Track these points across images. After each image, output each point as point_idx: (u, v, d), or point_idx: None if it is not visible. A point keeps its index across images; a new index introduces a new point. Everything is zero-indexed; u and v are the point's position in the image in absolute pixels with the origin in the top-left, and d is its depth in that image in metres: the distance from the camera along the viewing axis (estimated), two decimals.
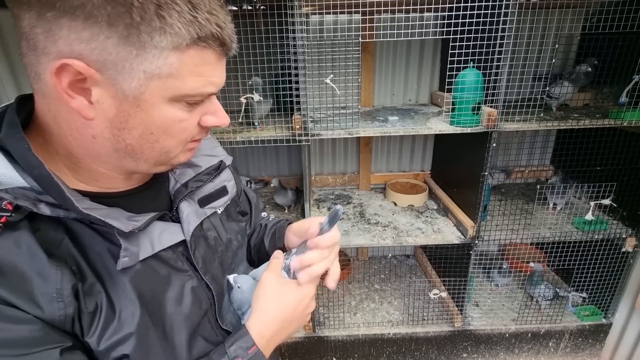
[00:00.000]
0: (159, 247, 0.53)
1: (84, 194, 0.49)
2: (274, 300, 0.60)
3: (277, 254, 0.68)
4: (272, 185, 2.00)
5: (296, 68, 1.39)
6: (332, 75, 1.50)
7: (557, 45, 1.93)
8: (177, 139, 0.50)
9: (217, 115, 0.53)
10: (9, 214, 0.41)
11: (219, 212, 0.68)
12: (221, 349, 0.56)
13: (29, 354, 0.40)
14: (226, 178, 0.70)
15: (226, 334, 0.63)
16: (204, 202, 0.64)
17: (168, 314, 0.53)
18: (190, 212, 0.60)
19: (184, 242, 0.57)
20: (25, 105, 0.49)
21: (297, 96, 1.44)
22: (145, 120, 0.46)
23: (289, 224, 0.82)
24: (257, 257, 0.86)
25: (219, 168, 0.67)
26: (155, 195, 0.59)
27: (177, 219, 0.59)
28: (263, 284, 0.62)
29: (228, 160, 0.71)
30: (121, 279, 0.49)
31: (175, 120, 0.48)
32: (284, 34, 1.36)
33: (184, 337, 0.55)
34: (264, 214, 0.94)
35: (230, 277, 0.65)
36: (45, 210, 0.44)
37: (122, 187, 0.54)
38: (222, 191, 0.68)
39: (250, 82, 1.50)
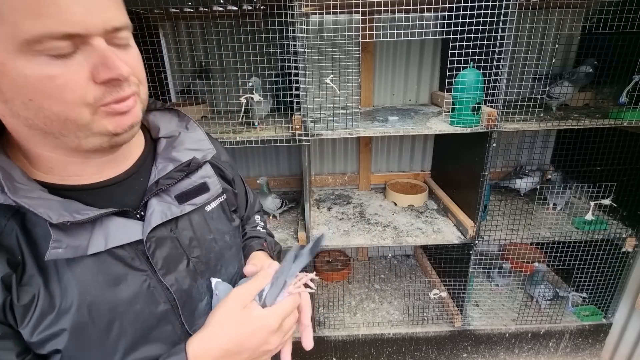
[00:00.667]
0: (113, 243, 0.51)
1: (48, 185, 0.48)
2: (226, 325, 0.53)
3: (268, 272, 0.59)
4: (258, 182, 1.89)
5: (296, 68, 1.39)
6: (332, 75, 1.50)
7: (557, 45, 1.93)
8: (62, 101, 0.42)
9: (106, 65, 0.43)
10: None
11: (208, 209, 0.65)
12: None
13: None
14: (205, 174, 0.65)
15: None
16: (182, 198, 0.60)
17: (118, 312, 0.51)
18: (156, 211, 0.56)
19: (142, 241, 0.55)
20: None
21: (297, 96, 1.44)
22: (12, 85, 0.40)
23: (260, 249, 0.78)
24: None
25: (189, 165, 0.62)
26: (126, 190, 0.56)
27: (143, 217, 0.56)
28: (225, 301, 0.55)
29: (208, 155, 0.66)
30: (66, 273, 0.48)
31: (41, 78, 0.40)
32: (284, 34, 1.35)
33: (129, 338, 0.53)
34: (257, 217, 0.89)
35: (213, 281, 0.62)
36: None
37: (89, 177, 0.52)
38: (202, 188, 0.64)
39: (250, 83, 1.50)
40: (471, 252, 1.71)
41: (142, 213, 0.56)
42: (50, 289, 0.47)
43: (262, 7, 1.69)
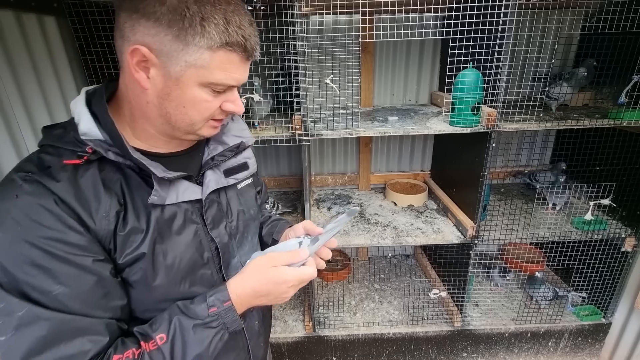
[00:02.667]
0: (181, 198, 0.68)
1: (138, 150, 0.66)
2: (259, 274, 0.70)
3: (302, 254, 0.74)
4: None
5: (296, 68, 1.39)
6: (332, 76, 1.50)
7: (556, 46, 1.94)
8: (201, 115, 0.65)
9: (234, 104, 0.69)
10: (88, 155, 0.60)
11: (239, 187, 0.83)
12: (203, 296, 0.68)
13: (73, 254, 0.56)
14: (248, 156, 0.86)
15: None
16: (228, 173, 0.79)
17: (178, 251, 0.68)
18: (212, 179, 0.75)
19: (200, 200, 0.72)
20: (112, 85, 0.68)
21: (297, 96, 1.44)
22: (180, 96, 0.62)
23: (290, 226, 0.95)
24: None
25: (239, 147, 0.82)
26: (188, 161, 0.75)
27: (201, 183, 0.74)
28: (262, 258, 0.72)
29: (250, 141, 0.86)
30: (152, 214, 0.65)
31: (202, 100, 0.63)
32: (284, 34, 1.36)
33: (182, 274, 0.69)
34: (267, 206, 1.04)
35: (253, 255, 0.76)
36: (111, 156, 0.62)
37: (165, 149, 0.71)
38: (244, 166, 0.84)
39: (256, 83, 1.50)
40: (471, 251, 1.71)
41: (200, 180, 0.74)
42: (140, 223, 0.64)
43: (262, 7, 1.69)
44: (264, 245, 0.96)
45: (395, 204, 2.10)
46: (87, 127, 0.62)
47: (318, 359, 2.00)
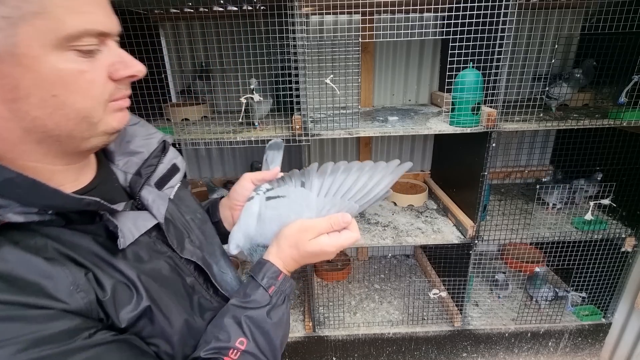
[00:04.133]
0: (137, 233, 0.54)
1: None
2: (299, 251, 0.64)
3: (337, 220, 0.66)
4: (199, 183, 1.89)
5: (296, 68, 1.39)
6: (332, 76, 1.50)
7: (556, 46, 1.94)
8: (89, 96, 0.44)
9: (126, 64, 0.47)
10: None
11: (172, 196, 0.67)
12: (253, 284, 0.62)
13: (69, 344, 0.41)
14: (173, 156, 0.69)
15: (222, 299, 0.66)
16: (160, 184, 0.65)
17: (163, 293, 0.55)
18: (155, 198, 0.60)
19: (156, 226, 0.59)
20: None
21: (297, 96, 1.44)
22: (37, 80, 0.40)
23: (221, 199, 0.84)
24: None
25: (164, 148, 0.66)
26: (108, 191, 0.57)
27: (142, 208, 0.59)
28: (300, 228, 0.64)
29: (167, 138, 0.69)
30: (120, 263, 0.50)
31: (74, 72, 0.42)
32: (284, 34, 1.36)
33: (183, 303, 0.58)
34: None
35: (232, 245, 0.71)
36: (16, 218, 0.41)
37: (70, 186, 0.51)
38: (174, 169, 0.68)
39: (252, 85, 1.51)
40: (471, 251, 1.71)
41: (139, 205, 0.60)
42: (113, 277, 0.49)
43: (262, 8, 1.69)
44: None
45: (395, 204, 2.10)
46: None
47: (318, 359, 2.00)
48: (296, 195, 0.70)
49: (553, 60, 1.95)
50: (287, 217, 0.67)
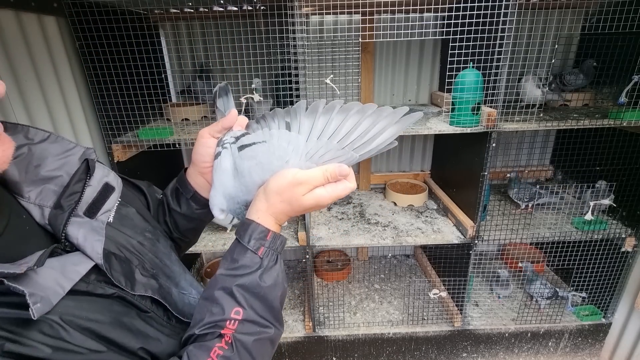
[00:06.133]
0: (69, 284, 0.44)
1: None
2: (291, 206, 0.57)
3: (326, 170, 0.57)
4: None
5: (296, 68, 1.39)
6: (332, 76, 1.50)
7: (556, 46, 1.94)
8: None
9: None
10: None
11: (110, 219, 0.57)
12: (239, 247, 0.55)
13: None
14: (103, 173, 0.57)
15: (186, 325, 0.57)
16: (92, 211, 0.53)
17: (120, 342, 0.48)
18: (86, 232, 0.50)
19: (94, 268, 0.49)
20: None
21: (297, 96, 1.44)
22: None
23: (185, 170, 0.75)
24: (179, 232, 0.76)
25: (89, 169, 0.54)
26: (19, 237, 0.47)
27: (72, 248, 0.50)
28: (293, 181, 0.56)
29: (90, 152, 0.56)
30: (37, 337, 0.40)
31: None
32: (284, 34, 1.36)
33: (150, 348, 0.52)
34: (160, 196, 0.81)
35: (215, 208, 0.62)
36: None
37: None
38: (107, 189, 0.57)
39: (253, 85, 1.51)
40: (471, 252, 1.71)
41: (68, 244, 0.50)
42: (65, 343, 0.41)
43: (262, 8, 1.69)
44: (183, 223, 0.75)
45: (395, 204, 2.10)
46: None
47: (318, 359, 1.99)
48: (279, 138, 0.59)
49: (553, 60, 1.95)
50: (270, 163, 0.58)
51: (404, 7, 1.64)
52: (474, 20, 1.34)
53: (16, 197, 0.50)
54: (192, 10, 1.81)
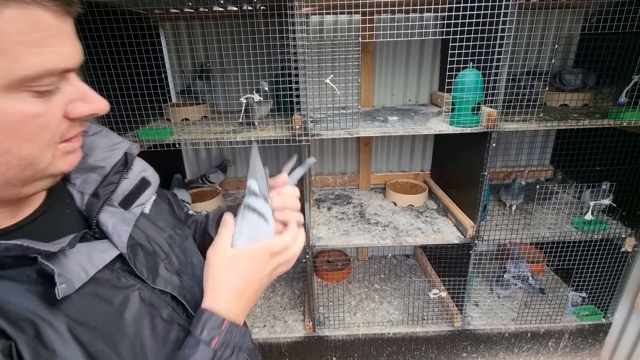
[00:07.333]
0: (93, 270, 0.46)
1: None
2: (222, 274, 0.55)
3: (227, 219, 0.60)
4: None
5: (296, 68, 1.39)
6: (332, 76, 1.50)
7: (556, 46, 1.94)
8: (39, 142, 0.38)
9: (87, 100, 0.41)
10: None
11: (147, 211, 0.60)
12: (191, 340, 0.51)
13: None
14: (142, 168, 0.60)
15: None
16: (127, 203, 0.55)
17: (132, 333, 0.48)
18: (116, 222, 0.52)
19: (119, 257, 0.51)
20: None
21: (297, 96, 1.44)
22: None
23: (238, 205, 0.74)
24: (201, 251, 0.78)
25: (126, 162, 0.57)
26: (58, 219, 0.49)
27: (101, 235, 0.51)
28: (207, 261, 0.56)
29: (134, 148, 0.60)
30: (60, 317, 0.41)
31: (26, 117, 0.36)
32: (284, 34, 1.36)
33: (154, 349, 0.50)
34: (192, 212, 0.84)
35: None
36: None
37: (8, 222, 0.44)
38: (143, 183, 0.59)
39: (265, 87, 1.50)
40: (471, 251, 1.71)
41: (98, 231, 0.52)
42: (50, 346, 0.40)
43: (262, 7, 1.69)
44: None
45: (395, 204, 2.10)
46: None
47: (318, 359, 2.00)
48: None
49: (553, 60, 1.95)
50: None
51: (404, 7, 1.64)
52: (474, 20, 1.34)
53: (65, 182, 0.53)
54: (192, 10, 1.81)
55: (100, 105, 0.43)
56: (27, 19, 0.33)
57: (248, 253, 0.56)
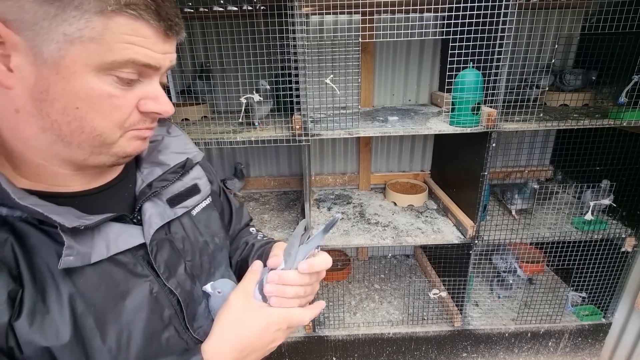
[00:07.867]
0: (115, 249, 0.50)
1: (34, 193, 0.46)
2: (235, 326, 0.55)
3: (256, 266, 0.63)
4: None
5: (296, 68, 1.39)
6: (332, 76, 1.50)
7: (556, 46, 1.94)
8: (109, 119, 0.46)
9: (157, 101, 0.49)
10: None
11: (194, 212, 0.65)
12: None
13: None
14: (197, 176, 0.66)
15: (198, 341, 0.59)
16: (173, 201, 0.60)
17: (124, 322, 0.50)
18: (153, 214, 0.56)
19: (144, 245, 0.54)
20: None
21: (297, 96, 1.44)
22: (67, 91, 0.42)
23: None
24: (237, 276, 0.77)
25: (185, 166, 0.63)
26: (116, 197, 0.56)
27: (139, 222, 0.56)
28: (229, 303, 0.57)
29: (199, 157, 0.67)
30: (68, 283, 0.46)
31: (103, 94, 0.44)
32: (284, 34, 1.36)
33: (138, 346, 0.52)
34: (252, 230, 0.86)
35: (207, 287, 0.62)
36: None
37: (77, 187, 0.51)
38: (193, 189, 0.64)
39: (266, 86, 1.50)
40: (471, 251, 1.71)
41: (138, 217, 0.56)
42: (48, 301, 0.45)
43: (262, 8, 1.69)
44: None
45: (395, 204, 2.10)
46: None
47: (318, 359, 2.00)
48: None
49: (553, 60, 1.95)
50: None
51: (404, 7, 1.64)
52: (473, 20, 1.34)
53: (137, 169, 0.60)
54: (192, 10, 1.81)
55: (165, 107, 0.50)
56: (131, 26, 0.42)
57: (274, 315, 0.56)
